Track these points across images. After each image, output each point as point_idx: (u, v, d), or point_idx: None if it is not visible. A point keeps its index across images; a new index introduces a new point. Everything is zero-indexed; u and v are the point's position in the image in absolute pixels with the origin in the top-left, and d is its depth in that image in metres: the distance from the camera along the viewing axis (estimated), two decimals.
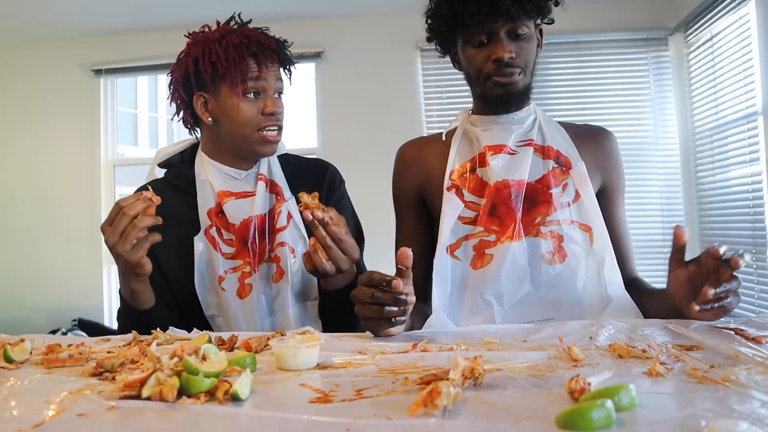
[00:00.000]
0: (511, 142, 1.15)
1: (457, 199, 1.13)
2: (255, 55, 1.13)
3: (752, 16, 2.75)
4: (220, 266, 1.16)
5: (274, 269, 1.18)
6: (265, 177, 1.22)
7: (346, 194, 1.32)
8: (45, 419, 0.52)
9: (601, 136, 1.22)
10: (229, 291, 1.15)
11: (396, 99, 3.63)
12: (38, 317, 3.64)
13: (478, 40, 1.10)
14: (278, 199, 1.21)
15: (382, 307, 0.86)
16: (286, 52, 1.20)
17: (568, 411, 0.46)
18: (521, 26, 1.09)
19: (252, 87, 1.13)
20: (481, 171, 1.15)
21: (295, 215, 1.19)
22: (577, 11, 3.50)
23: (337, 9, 3.58)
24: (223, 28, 1.18)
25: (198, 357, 0.61)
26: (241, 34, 1.14)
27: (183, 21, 3.53)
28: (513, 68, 1.09)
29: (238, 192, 1.20)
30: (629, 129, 3.58)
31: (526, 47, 1.10)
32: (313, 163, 1.33)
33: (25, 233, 3.75)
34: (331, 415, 0.51)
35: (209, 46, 1.13)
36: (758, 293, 2.80)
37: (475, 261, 1.11)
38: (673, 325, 0.87)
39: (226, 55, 1.11)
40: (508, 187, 1.11)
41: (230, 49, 1.12)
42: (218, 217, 1.18)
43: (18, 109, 3.80)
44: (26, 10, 3.36)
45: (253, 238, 1.17)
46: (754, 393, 0.52)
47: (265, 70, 1.14)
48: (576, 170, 1.13)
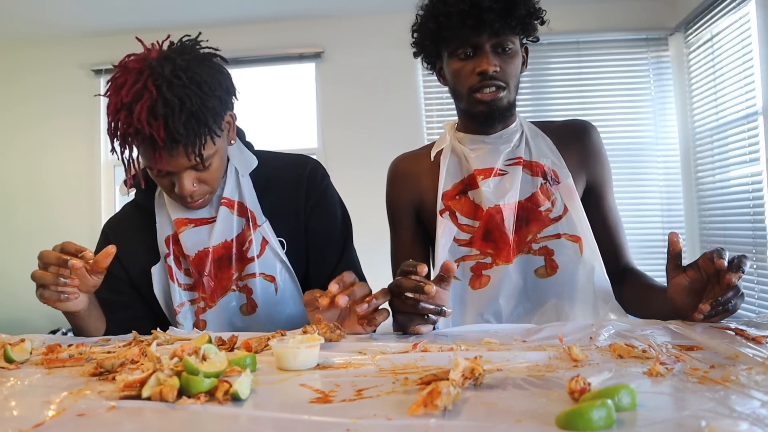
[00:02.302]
0: (499, 163, 1.15)
1: (451, 223, 1.15)
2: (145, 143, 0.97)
3: (752, 16, 2.75)
4: (177, 297, 1.11)
5: (243, 301, 1.12)
6: (230, 200, 1.12)
7: (330, 187, 1.23)
8: (45, 419, 0.52)
9: (582, 132, 1.20)
10: (184, 325, 1.11)
11: (396, 99, 3.63)
12: (38, 317, 3.63)
13: (463, 53, 1.10)
14: (248, 225, 1.12)
15: (415, 303, 0.86)
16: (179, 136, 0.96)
17: (568, 411, 0.46)
18: (506, 41, 1.08)
19: (161, 170, 1.00)
20: (472, 193, 1.15)
21: (272, 241, 1.12)
22: (577, 11, 3.50)
23: (337, 9, 3.58)
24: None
25: (198, 357, 0.61)
26: (128, 124, 0.95)
27: (183, 21, 3.54)
28: (497, 81, 1.08)
29: (196, 219, 1.11)
30: (629, 129, 3.58)
31: (510, 62, 1.10)
32: (291, 161, 1.23)
33: (25, 233, 3.75)
34: (331, 415, 0.51)
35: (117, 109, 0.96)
36: (758, 293, 2.80)
37: (473, 281, 1.14)
38: (673, 325, 0.87)
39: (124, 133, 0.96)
40: (500, 212, 1.12)
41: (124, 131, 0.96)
42: (176, 245, 1.11)
43: (18, 109, 3.80)
44: (26, 10, 3.36)
45: (209, 272, 1.10)
46: (754, 393, 0.52)
47: (160, 161, 0.98)
48: (563, 184, 1.13)
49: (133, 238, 1.17)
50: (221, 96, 1.01)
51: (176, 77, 0.95)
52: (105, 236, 1.21)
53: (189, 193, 1.03)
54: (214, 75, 1.01)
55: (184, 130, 0.94)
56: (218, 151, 1.04)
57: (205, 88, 0.97)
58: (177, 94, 0.94)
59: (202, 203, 1.08)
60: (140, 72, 0.95)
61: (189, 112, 0.95)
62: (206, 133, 0.98)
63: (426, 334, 0.90)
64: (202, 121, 0.96)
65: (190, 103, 0.95)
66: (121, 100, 0.94)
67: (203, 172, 1.03)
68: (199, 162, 1.00)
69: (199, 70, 0.98)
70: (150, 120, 0.93)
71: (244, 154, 1.18)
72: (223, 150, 1.08)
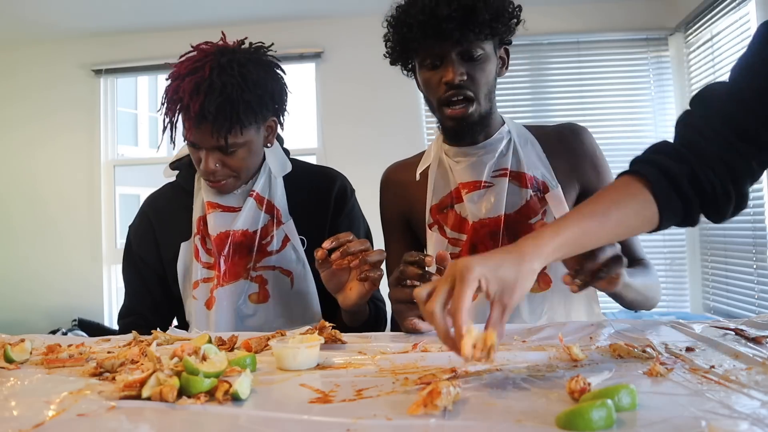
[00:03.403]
0: (485, 176, 1.12)
1: (440, 236, 1.15)
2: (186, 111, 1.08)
3: (752, 17, 2.75)
4: (196, 273, 1.17)
5: (254, 289, 1.17)
6: (258, 195, 1.19)
7: (356, 204, 1.30)
8: (45, 419, 0.52)
9: (571, 137, 1.16)
10: (199, 299, 1.16)
11: (397, 99, 3.63)
12: (38, 317, 3.63)
13: (430, 63, 1.07)
14: (272, 221, 1.19)
15: (411, 289, 0.86)
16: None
17: (568, 411, 0.46)
18: (474, 48, 1.04)
19: (190, 140, 1.11)
20: (458, 207, 1.14)
21: (294, 239, 1.19)
22: (577, 11, 3.50)
23: (337, 9, 3.58)
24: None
25: (198, 357, 0.61)
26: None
27: (183, 21, 3.54)
28: (465, 91, 1.05)
29: (225, 205, 1.19)
30: (629, 129, 3.57)
31: (480, 69, 1.05)
32: (322, 173, 1.31)
33: (25, 233, 3.75)
34: (331, 415, 0.51)
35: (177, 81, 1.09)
36: (758, 293, 2.80)
37: None
38: (673, 324, 0.87)
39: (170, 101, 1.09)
40: (485, 226, 1.10)
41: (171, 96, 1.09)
42: (204, 226, 1.19)
43: (18, 109, 3.80)
44: (26, 10, 3.36)
45: (227, 254, 1.16)
46: (754, 393, 0.52)
47: (191, 131, 1.09)
48: (552, 195, 1.10)
49: (170, 215, 1.25)
50: (263, 96, 1.10)
51: (230, 67, 1.07)
52: (143, 212, 1.29)
53: (210, 171, 1.11)
54: (264, 77, 1.11)
55: (215, 110, 1.04)
56: (247, 144, 1.12)
57: (250, 84, 1.07)
58: (222, 80, 1.05)
59: (224, 186, 1.15)
60: (206, 55, 1.09)
61: (226, 97, 1.05)
62: (235, 120, 1.06)
63: (426, 333, 0.90)
64: (234, 108, 1.06)
65: (230, 90, 1.05)
66: (179, 71, 1.08)
67: (228, 156, 1.11)
68: (224, 145, 1.08)
69: (252, 69, 1.09)
70: (192, 93, 1.05)
71: (280, 158, 1.26)
72: (256, 147, 1.15)
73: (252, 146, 1.13)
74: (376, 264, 0.97)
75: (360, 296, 1.00)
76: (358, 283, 0.99)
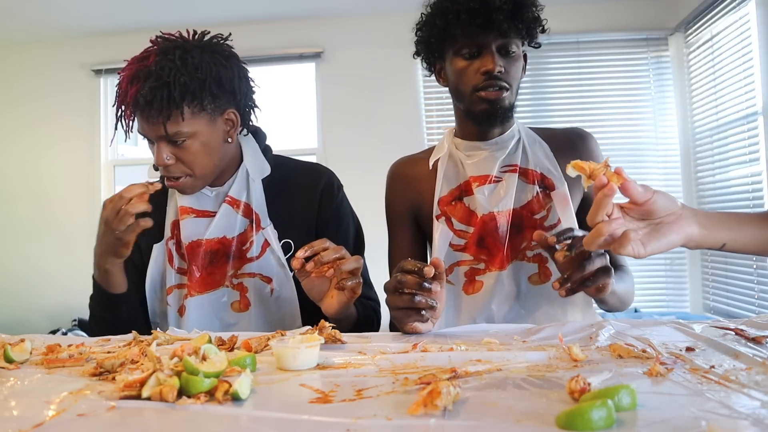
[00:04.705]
0: (495, 170, 1.15)
1: (447, 228, 1.16)
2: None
3: (752, 16, 2.75)
4: (170, 279, 1.15)
5: (236, 297, 1.15)
6: (235, 199, 1.16)
7: (345, 200, 1.27)
8: (45, 419, 0.52)
9: (578, 142, 1.20)
10: (172, 306, 1.14)
11: (397, 99, 3.63)
12: (38, 317, 3.64)
13: (468, 53, 1.10)
14: (252, 226, 1.15)
15: (411, 297, 0.87)
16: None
17: (569, 411, 0.46)
18: (511, 44, 1.10)
19: (139, 132, 1.09)
20: (467, 200, 1.16)
21: (273, 243, 1.15)
22: (577, 11, 3.50)
23: (337, 9, 3.58)
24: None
25: (198, 357, 0.61)
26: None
27: (183, 21, 3.54)
28: (501, 82, 1.09)
29: (199, 210, 1.16)
30: (629, 129, 3.58)
31: (514, 65, 1.11)
32: (308, 169, 1.27)
33: (25, 233, 3.75)
34: (331, 415, 0.51)
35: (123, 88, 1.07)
36: (758, 293, 2.80)
37: (466, 286, 1.15)
38: (673, 324, 0.87)
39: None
40: (494, 220, 1.13)
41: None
42: (178, 231, 1.16)
43: (18, 109, 3.80)
44: (26, 10, 3.36)
45: (199, 263, 1.13)
46: (754, 393, 0.52)
47: (139, 121, 1.07)
48: (558, 192, 1.14)
49: (151, 214, 1.22)
50: (205, 81, 1.04)
51: (171, 53, 1.04)
52: None
53: (162, 164, 1.07)
54: (209, 63, 1.06)
55: (149, 94, 1.01)
56: (197, 135, 1.06)
57: (190, 69, 1.03)
58: (160, 65, 1.02)
59: (182, 185, 1.11)
60: (154, 45, 1.07)
61: (161, 81, 1.01)
62: (172, 104, 1.02)
63: (426, 333, 0.91)
64: (169, 92, 1.01)
65: (165, 73, 1.02)
66: (129, 64, 1.06)
67: (179, 149, 1.06)
68: (164, 133, 1.04)
69: (195, 54, 1.05)
70: (132, 80, 1.03)
71: (259, 160, 1.21)
72: (211, 140, 1.09)
73: (203, 138, 1.07)
74: (353, 272, 0.95)
75: (341, 304, 0.98)
76: (338, 292, 0.97)
